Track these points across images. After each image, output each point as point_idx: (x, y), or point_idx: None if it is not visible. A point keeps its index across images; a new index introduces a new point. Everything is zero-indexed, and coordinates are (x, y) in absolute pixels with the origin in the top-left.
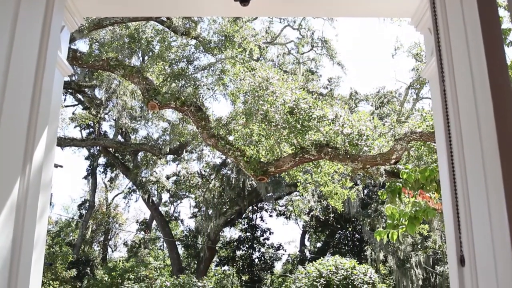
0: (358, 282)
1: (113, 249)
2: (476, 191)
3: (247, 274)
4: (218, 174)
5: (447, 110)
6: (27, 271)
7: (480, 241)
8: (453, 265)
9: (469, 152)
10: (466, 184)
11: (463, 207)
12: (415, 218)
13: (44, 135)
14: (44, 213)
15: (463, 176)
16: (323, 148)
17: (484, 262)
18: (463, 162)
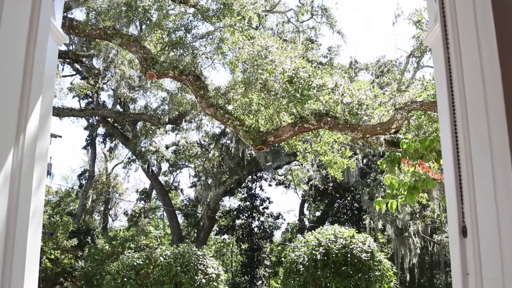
0: (357, 251)
1: (113, 219)
2: (480, 160)
3: (246, 243)
4: (217, 143)
5: (451, 78)
6: (24, 243)
7: (483, 212)
8: (454, 236)
9: (473, 120)
10: (470, 154)
11: (466, 177)
12: (415, 188)
13: (38, 104)
14: (41, 184)
15: (466, 146)
16: (323, 117)
17: (487, 233)
18: (467, 131)
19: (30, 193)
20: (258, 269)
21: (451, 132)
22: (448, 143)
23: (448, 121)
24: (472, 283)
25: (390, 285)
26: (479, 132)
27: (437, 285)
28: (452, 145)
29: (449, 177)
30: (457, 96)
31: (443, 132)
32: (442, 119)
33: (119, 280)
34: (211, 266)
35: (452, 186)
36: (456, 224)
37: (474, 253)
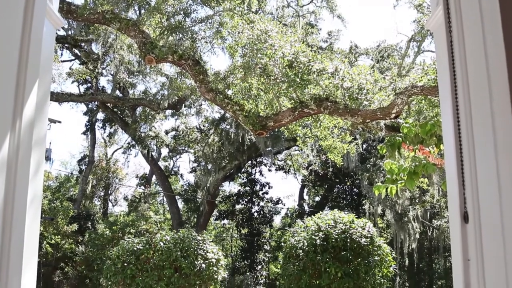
0: (356, 236)
1: (113, 204)
2: (483, 145)
3: (246, 228)
4: (217, 128)
5: (454, 62)
6: (21, 229)
7: (485, 198)
8: (455, 222)
9: (476, 104)
10: (472, 139)
11: (468, 162)
12: (414, 173)
13: (35, 89)
14: (39, 170)
15: (468, 131)
16: (323, 102)
17: (489, 219)
18: (469, 115)
19: (27, 179)
20: (258, 254)
21: (453, 116)
22: (449, 128)
23: (450, 106)
24: (473, 269)
25: (389, 269)
26: (482, 116)
27: (436, 269)
28: (453, 129)
29: (451, 162)
30: (460, 80)
31: (445, 117)
32: (444, 103)
33: (119, 265)
34: (211, 251)
35: (454, 171)
36: (457, 210)
37: (476, 239)
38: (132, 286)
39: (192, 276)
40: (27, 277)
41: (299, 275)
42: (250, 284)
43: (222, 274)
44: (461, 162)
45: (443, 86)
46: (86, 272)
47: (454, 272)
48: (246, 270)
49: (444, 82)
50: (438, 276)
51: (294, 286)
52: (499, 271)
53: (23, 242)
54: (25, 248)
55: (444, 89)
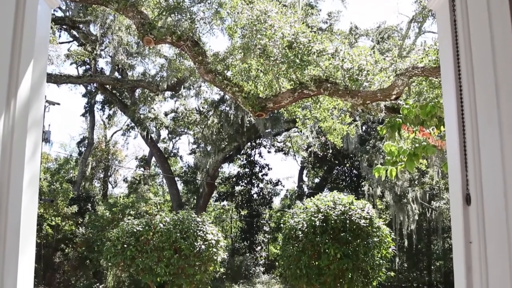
0: (355, 217)
1: (113, 186)
2: (486, 126)
3: (246, 209)
4: (216, 110)
5: (457, 42)
6: (18, 212)
7: (489, 180)
8: (457, 204)
9: (480, 85)
10: (476, 120)
11: (471, 143)
12: (414, 155)
13: (30, 69)
14: (36, 152)
15: (472, 112)
16: (323, 83)
17: (493, 201)
18: (473, 96)
19: (23, 161)
20: (258, 235)
21: (455, 97)
22: (452, 108)
23: (453, 86)
24: (475, 251)
25: (388, 251)
26: (486, 97)
27: (434, 251)
28: (456, 110)
29: (453, 143)
30: (463, 60)
31: (447, 97)
32: (446, 84)
33: (119, 246)
34: (210, 233)
35: (456, 152)
36: (459, 192)
37: (478, 221)
38: (132, 267)
39: (192, 257)
40: (24, 259)
41: (298, 256)
42: (250, 265)
43: (222, 255)
44: (464, 143)
45: (446, 66)
46: (86, 253)
47: (455, 255)
48: (246, 251)
49: (447, 62)
50: (436, 257)
51: (293, 267)
52: (502, 253)
53: (19, 223)
54: (22, 230)
55: (446, 69)
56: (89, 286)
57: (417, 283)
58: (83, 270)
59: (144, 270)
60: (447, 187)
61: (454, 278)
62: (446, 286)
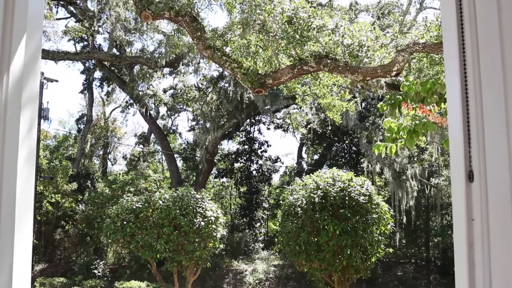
0: (355, 194)
1: (112, 163)
2: (492, 100)
3: (245, 186)
4: (215, 87)
5: (462, 14)
6: (13, 190)
7: (493, 156)
8: (459, 181)
9: (486, 58)
10: (480, 94)
11: (475, 119)
12: (414, 131)
13: (23, 43)
14: (32, 129)
15: (476, 86)
16: (322, 59)
17: (497, 178)
18: (477, 69)
19: (17, 138)
20: (257, 211)
21: (459, 70)
22: (455, 83)
23: (456, 60)
24: (477, 229)
25: (387, 227)
26: (491, 70)
27: (432, 227)
28: (460, 84)
29: (455, 118)
30: (468, 33)
31: (450, 71)
32: (449, 59)
33: (119, 223)
34: (209, 209)
35: (458, 128)
36: (461, 168)
37: (481, 198)
38: (132, 243)
39: (191, 234)
40: (21, 237)
41: (297, 232)
42: (249, 241)
43: (221, 231)
44: (467, 119)
45: (449, 39)
46: (86, 230)
47: (455, 231)
48: (245, 227)
49: (450, 36)
50: (434, 233)
51: (292, 243)
52: (505, 230)
53: (14, 201)
54: (18, 208)
55: (449, 43)
56: (89, 263)
57: (415, 259)
58: (84, 246)
59: (144, 246)
60: (446, 164)
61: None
62: (444, 262)
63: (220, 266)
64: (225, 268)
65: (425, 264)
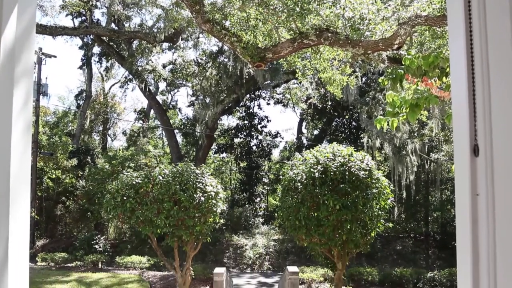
0: (355, 169)
1: (112, 138)
2: (500, 71)
3: (245, 161)
4: (214, 62)
5: None
6: (7, 167)
7: (500, 129)
8: (463, 155)
9: (493, 24)
10: (487, 64)
11: (481, 90)
12: (416, 105)
13: (14, 16)
14: (27, 105)
15: (483, 55)
16: (323, 33)
17: (503, 152)
18: (484, 38)
19: (10, 112)
20: (257, 186)
21: (465, 39)
22: (460, 52)
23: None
24: (482, 204)
25: (387, 202)
26: (499, 37)
27: (431, 202)
28: (466, 54)
29: (460, 90)
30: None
31: (455, 41)
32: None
33: (119, 198)
34: (209, 184)
35: (463, 100)
36: (466, 143)
37: (487, 172)
38: (132, 219)
39: (192, 209)
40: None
41: (297, 207)
42: (249, 216)
43: (221, 206)
44: (473, 90)
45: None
46: (87, 206)
47: (458, 207)
48: (245, 202)
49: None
50: (433, 208)
51: (292, 218)
52: (511, 205)
53: (9, 177)
54: (13, 182)
55: (455, 11)
56: (90, 238)
57: (414, 233)
58: (85, 222)
59: (144, 222)
60: (446, 139)
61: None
62: (442, 237)
63: (221, 241)
64: (225, 243)
65: (424, 239)
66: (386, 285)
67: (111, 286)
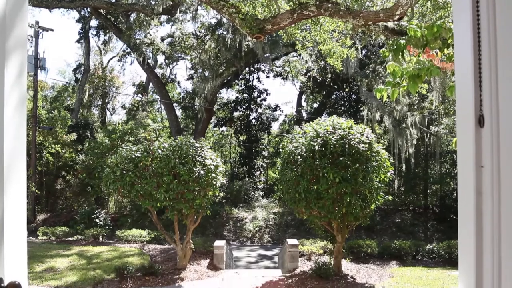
0: (355, 141)
1: (111, 113)
2: (508, 37)
3: (244, 134)
4: (213, 34)
5: None
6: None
7: (507, 98)
8: (467, 126)
9: None
10: (494, 29)
11: (488, 58)
12: (418, 76)
13: None
14: (21, 77)
15: (490, 22)
16: (323, 3)
17: (510, 121)
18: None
19: (2, 86)
20: (256, 160)
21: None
22: (466, 19)
23: None
24: (487, 176)
25: (386, 175)
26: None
27: (431, 175)
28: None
29: (465, 59)
30: None
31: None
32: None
33: (118, 172)
34: (209, 158)
35: (468, 69)
36: (470, 113)
37: (492, 144)
38: (132, 192)
39: (191, 183)
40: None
41: (297, 180)
42: (249, 190)
43: (221, 180)
44: (479, 59)
45: None
46: (87, 180)
47: (462, 179)
48: (245, 176)
49: None
50: (433, 181)
51: (292, 191)
52: None
53: (2, 148)
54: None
55: None
56: (91, 212)
57: (414, 206)
58: (85, 196)
59: (144, 195)
60: (446, 112)
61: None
62: (441, 209)
63: (221, 214)
64: (225, 216)
65: (423, 211)
66: (385, 258)
67: (112, 259)
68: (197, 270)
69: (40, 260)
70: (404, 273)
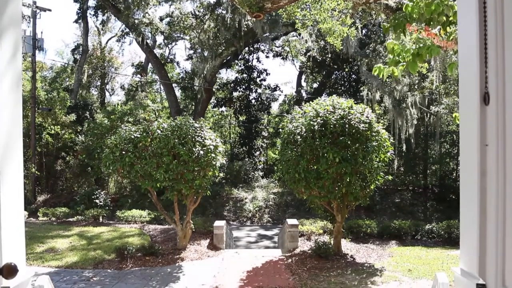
0: (355, 121)
1: (110, 93)
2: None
3: (244, 115)
4: (212, 14)
5: None
6: None
7: None
8: (472, 104)
9: None
10: (501, 6)
11: (494, 35)
12: (418, 55)
13: None
14: (15, 56)
15: None
16: None
17: None
18: None
19: None
20: (256, 140)
21: None
22: None
23: None
24: (491, 154)
25: (386, 155)
26: None
27: (431, 155)
28: None
29: (470, 36)
30: None
31: None
32: None
33: (117, 153)
34: (208, 138)
35: (473, 45)
36: (475, 91)
37: (498, 122)
38: (131, 173)
39: (191, 163)
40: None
41: (297, 160)
42: (249, 170)
43: (220, 160)
44: (485, 34)
45: None
46: (87, 161)
47: (465, 158)
48: (245, 156)
49: None
50: (432, 161)
51: (292, 171)
52: None
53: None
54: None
55: None
56: (91, 193)
57: (413, 186)
58: (85, 177)
59: (144, 176)
60: (447, 92)
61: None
62: (441, 189)
63: (220, 194)
64: (225, 196)
65: (423, 191)
66: (384, 237)
67: (112, 239)
68: (197, 250)
69: (41, 240)
70: (404, 253)
